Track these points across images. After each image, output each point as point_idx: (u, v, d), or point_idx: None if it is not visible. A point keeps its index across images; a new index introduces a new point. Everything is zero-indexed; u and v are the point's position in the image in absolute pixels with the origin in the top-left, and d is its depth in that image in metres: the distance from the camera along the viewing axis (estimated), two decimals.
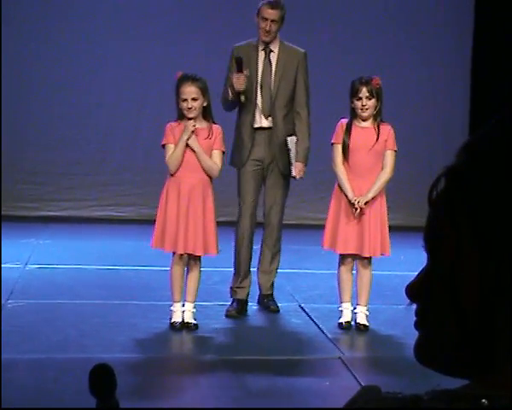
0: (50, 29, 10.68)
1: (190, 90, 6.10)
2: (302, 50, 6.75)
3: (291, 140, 6.63)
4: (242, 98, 6.58)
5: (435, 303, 0.96)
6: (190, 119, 6.15)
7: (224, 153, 6.31)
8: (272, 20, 6.58)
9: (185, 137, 6.12)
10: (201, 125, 6.21)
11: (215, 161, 6.22)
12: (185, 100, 6.12)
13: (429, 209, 0.98)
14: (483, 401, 0.91)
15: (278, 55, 6.68)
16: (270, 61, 6.68)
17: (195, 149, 6.15)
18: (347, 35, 11.04)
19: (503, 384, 0.92)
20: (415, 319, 1.00)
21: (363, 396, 0.97)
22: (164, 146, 6.25)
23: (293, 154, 6.63)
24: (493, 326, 0.93)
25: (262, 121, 6.69)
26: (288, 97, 6.69)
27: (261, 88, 6.66)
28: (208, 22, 10.84)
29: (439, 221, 0.96)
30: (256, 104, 6.67)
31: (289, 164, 6.64)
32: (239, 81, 6.51)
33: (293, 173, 6.66)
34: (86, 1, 10.74)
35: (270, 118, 6.67)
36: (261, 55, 6.69)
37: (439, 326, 0.96)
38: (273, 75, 6.67)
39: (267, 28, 6.58)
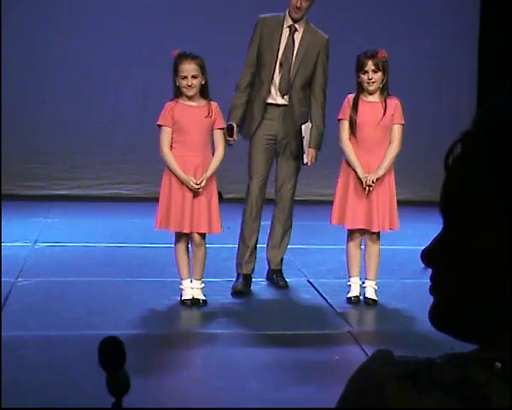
0: (57, 15, 10.69)
1: (190, 68, 6.07)
2: (326, 36, 6.67)
3: (305, 127, 6.60)
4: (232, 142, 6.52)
5: (449, 268, 0.96)
6: (189, 97, 6.12)
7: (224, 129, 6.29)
8: None
9: (186, 183, 6.08)
10: (200, 103, 6.17)
11: (219, 142, 6.21)
12: (185, 77, 6.08)
13: (445, 175, 0.97)
14: (496, 363, 0.91)
15: (302, 36, 6.61)
16: (293, 40, 6.62)
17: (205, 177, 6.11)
18: (353, 7, 10.99)
19: None
20: (429, 284, 1.00)
21: (376, 360, 0.97)
22: (160, 126, 6.20)
23: (306, 141, 6.60)
24: (506, 290, 0.92)
25: (277, 98, 6.66)
26: (305, 80, 6.64)
27: (280, 65, 6.61)
28: (214, 3, 10.85)
29: (456, 186, 0.96)
30: (273, 80, 6.63)
31: (302, 151, 6.61)
32: (228, 142, 6.53)
33: (305, 160, 6.63)
34: None
35: (286, 96, 6.65)
36: (285, 31, 6.63)
37: (452, 290, 0.96)
38: (294, 55, 6.61)
39: (298, 5, 6.52)
